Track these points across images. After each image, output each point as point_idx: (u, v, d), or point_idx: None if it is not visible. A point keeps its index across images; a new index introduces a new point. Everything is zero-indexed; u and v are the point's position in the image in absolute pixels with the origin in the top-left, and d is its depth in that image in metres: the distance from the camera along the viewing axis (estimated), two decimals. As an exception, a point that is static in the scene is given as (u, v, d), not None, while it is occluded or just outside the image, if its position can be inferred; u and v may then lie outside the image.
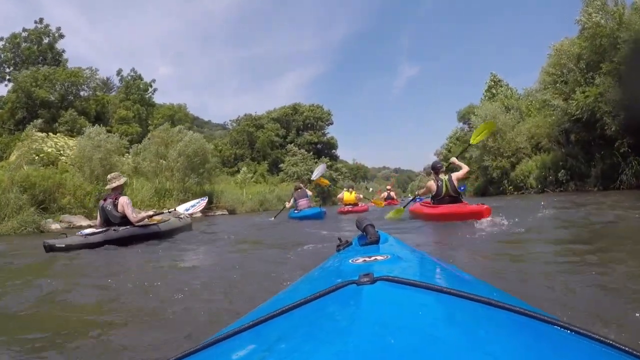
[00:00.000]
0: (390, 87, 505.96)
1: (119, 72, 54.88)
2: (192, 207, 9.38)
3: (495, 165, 31.26)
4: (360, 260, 1.16)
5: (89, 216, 20.47)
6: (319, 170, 17.07)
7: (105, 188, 7.96)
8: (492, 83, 44.38)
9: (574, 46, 25.80)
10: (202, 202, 9.58)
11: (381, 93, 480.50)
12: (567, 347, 0.63)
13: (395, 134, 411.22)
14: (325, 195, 47.95)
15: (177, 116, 54.76)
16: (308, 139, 59.73)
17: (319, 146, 61.42)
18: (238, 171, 50.51)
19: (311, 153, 53.64)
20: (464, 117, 47.99)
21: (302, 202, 13.95)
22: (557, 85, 25.85)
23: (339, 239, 1.70)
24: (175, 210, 9.44)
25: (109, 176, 7.93)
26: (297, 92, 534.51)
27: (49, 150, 24.80)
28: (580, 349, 0.63)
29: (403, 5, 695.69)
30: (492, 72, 45.82)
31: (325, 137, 63.06)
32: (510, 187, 30.66)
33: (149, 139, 28.39)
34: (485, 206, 7.05)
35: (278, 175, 50.42)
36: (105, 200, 7.56)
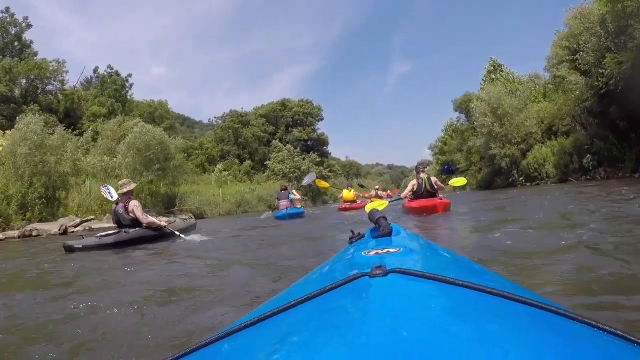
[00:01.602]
0: (383, 84, 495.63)
1: (95, 70, 50.48)
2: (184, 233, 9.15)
3: (503, 153, 26.38)
4: (373, 252, 1.13)
5: (5, 225, 15.84)
6: (308, 178, 17.71)
7: (118, 193, 8.25)
8: (492, 68, 39.60)
9: (592, 13, 21.21)
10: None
11: (374, 90, 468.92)
12: (581, 340, 0.60)
13: (388, 131, 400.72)
14: (316, 194, 43.43)
15: (157, 113, 49.82)
16: (297, 136, 54.89)
17: (309, 143, 56.62)
18: (223, 170, 46.25)
19: (298, 149, 48.69)
20: (461, 106, 43.18)
21: (283, 203, 14.28)
22: (580, 54, 21.05)
23: (352, 231, 1.67)
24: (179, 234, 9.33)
25: (120, 182, 8.18)
26: (290, 90, 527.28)
27: (-1, 149, 20.36)
28: (593, 341, 0.60)
29: (397, 4, 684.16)
30: (491, 57, 41.13)
31: (315, 134, 58.14)
32: (522, 177, 25.94)
33: (96, 132, 23.64)
34: (440, 201, 8.41)
35: (264, 173, 45.54)
36: (117, 204, 7.87)
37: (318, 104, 60.68)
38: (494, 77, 37.50)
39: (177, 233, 8.55)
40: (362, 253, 1.15)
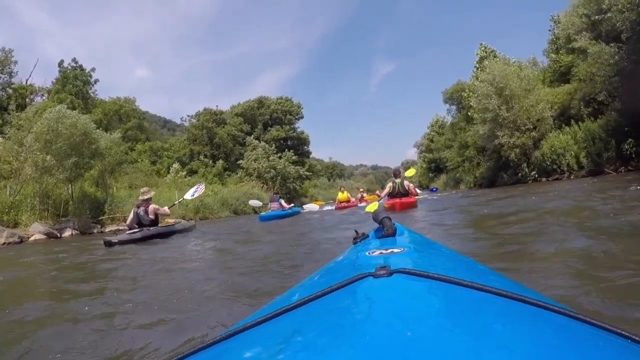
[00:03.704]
0: (366, 84, 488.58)
1: (60, 63, 44.25)
2: (195, 191, 11.56)
3: (512, 142, 21.27)
4: (377, 252, 1.11)
5: None
6: (309, 207, 19.56)
7: (139, 199, 9.17)
8: (484, 54, 34.73)
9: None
10: (200, 187, 11.87)
11: (358, 91, 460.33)
12: (587, 340, 0.58)
13: (372, 132, 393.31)
14: (293, 195, 38.39)
15: (123, 111, 44.35)
16: (275, 134, 49.53)
17: (288, 142, 51.28)
18: (194, 171, 41.02)
19: (274, 147, 43.38)
20: (452, 96, 38.21)
21: (274, 205, 15.90)
22: (612, 12, 16.04)
23: (356, 231, 1.61)
24: (183, 198, 11.88)
25: (141, 190, 9.32)
26: (273, 92, 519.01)
27: None
28: (599, 342, 0.58)
29: (379, 3, 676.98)
30: (482, 43, 36.34)
31: (295, 132, 52.83)
32: (534, 171, 20.81)
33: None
34: (399, 201, 9.89)
35: (237, 174, 40.18)
36: (138, 207, 8.98)
37: (298, 101, 55.23)
38: (487, 63, 32.64)
39: (179, 200, 12.32)
40: (366, 253, 1.12)
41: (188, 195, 11.44)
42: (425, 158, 55.72)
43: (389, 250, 1.10)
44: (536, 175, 20.58)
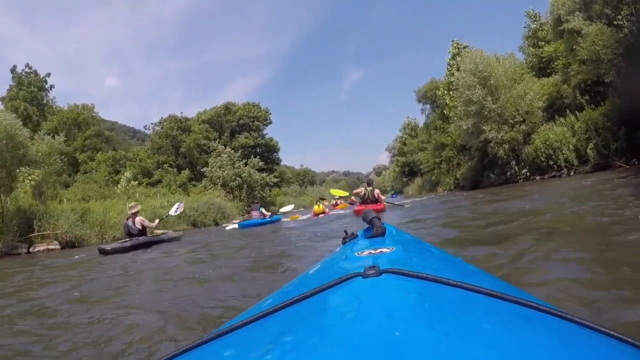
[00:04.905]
0: (337, 91, 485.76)
1: (13, 69, 40.28)
2: (177, 208, 12.60)
3: (500, 138, 18.75)
4: (366, 252, 1.10)
5: None
6: (287, 207, 22.00)
7: (128, 212, 10.41)
8: (457, 51, 32.52)
9: None
10: (180, 205, 13.02)
11: (328, 98, 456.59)
12: (573, 339, 0.58)
13: (344, 138, 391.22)
14: (260, 204, 35.46)
15: (81, 118, 40.67)
16: (243, 142, 46.47)
17: (257, 149, 48.23)
18: (159, 181, 37.75)
19: (239, 153, 40.34)
20: (426, 95, 35.87)
21: (254, 214, 16.47)
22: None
23: (345, 231, 1.58)
24: (169, 214, 13.11)
25: (129, 205, 10.84)
26: (244, 100, 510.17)
27: None
28: (585, 340, 0.59)
29: (349, 12, 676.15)
30: (454, 40, 34.18)
31: (263, 139, 49.86)
32: (524, 169, 18.36)
33: None
34: (365, 207, 9.85)
35: (202, 183, 36.98)
36: (127, 219, 10.22)
37: (266, 106, 52.35)
38: (462, 56, 30.42)
39: (166, 215, 13.18)
40: (355, 253, 1.11)
41: (172, 212, 12.61)
42: (398, 162, 53.53)
43: (378, 250, 1.07)
44: (528, 174, 18.09)
